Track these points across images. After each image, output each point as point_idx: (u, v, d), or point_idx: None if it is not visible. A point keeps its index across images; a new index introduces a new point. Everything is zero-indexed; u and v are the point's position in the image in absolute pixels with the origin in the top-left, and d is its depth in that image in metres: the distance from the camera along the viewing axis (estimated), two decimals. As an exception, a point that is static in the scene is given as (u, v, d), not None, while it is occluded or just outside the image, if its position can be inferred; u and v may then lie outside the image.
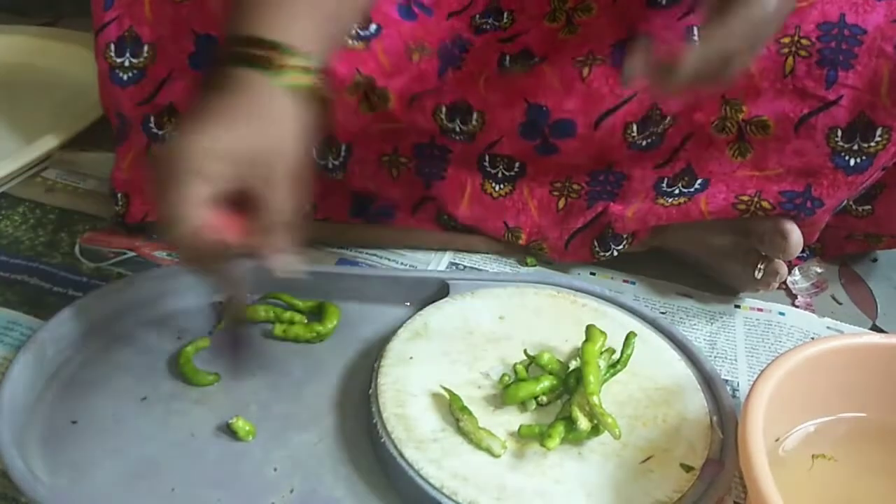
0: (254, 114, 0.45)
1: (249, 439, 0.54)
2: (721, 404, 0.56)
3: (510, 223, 0.73)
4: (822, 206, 0.65)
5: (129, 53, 0.66)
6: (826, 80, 0.62)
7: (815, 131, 0.64)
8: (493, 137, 0.69)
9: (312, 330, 0.61)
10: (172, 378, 0.57)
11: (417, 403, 0.54)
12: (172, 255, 0.70)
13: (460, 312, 0.62)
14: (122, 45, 0.66)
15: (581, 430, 0.51)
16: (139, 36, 0.66)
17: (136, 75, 0.67)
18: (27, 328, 0.62)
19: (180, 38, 0.66)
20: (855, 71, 0.61)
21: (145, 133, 0.69)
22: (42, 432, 0.53)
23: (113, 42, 0.66)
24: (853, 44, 0.61)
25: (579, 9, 0.68)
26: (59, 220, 0.74)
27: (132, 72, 0.67)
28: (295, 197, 0.46)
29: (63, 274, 0.68)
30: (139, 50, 0.66)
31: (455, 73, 0.67)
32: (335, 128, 0.68)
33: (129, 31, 0.66)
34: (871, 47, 0.61)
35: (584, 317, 0.62)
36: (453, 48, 0.68)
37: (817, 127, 0.63)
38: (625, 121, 0.67)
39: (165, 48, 0.66)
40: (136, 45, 0.66)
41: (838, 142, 0.63)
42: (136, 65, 0.67)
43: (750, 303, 0.73)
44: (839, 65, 0.61)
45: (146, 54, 0.67)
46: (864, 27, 0.61)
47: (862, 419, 0.55)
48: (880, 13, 0.60)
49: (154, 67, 0.67)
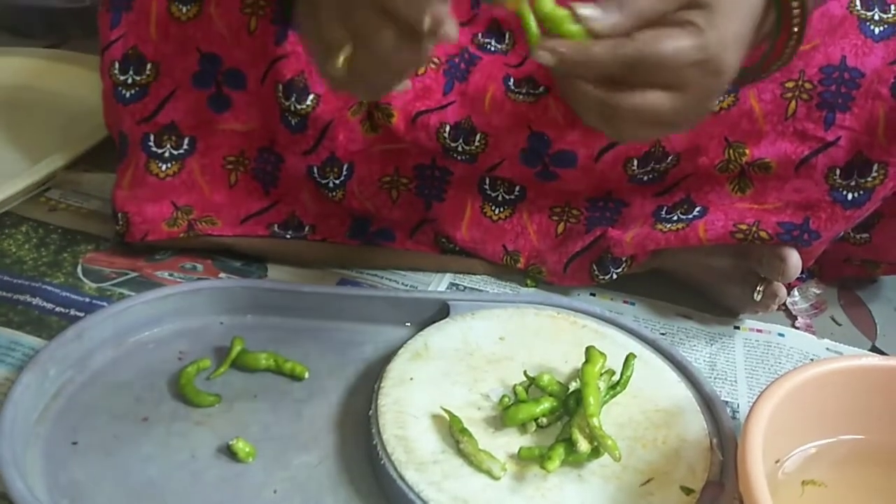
0: None
1: (250, 461, 0.54)
2: (721, 426, 0.56)
3: (509, 247, 0.73)
4: (819, 238, 0.66)
5: (132, 71, 0.67)
6: (825, 121, 0.63)
7: (815, 171, 0.65)
8: (495, 160, 0.69)
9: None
10: (173, 399, 0.58)
11: (418, 425, 0.54)
12: (178, 275, 0.71)
13: (461, 333, 0.62)
14: (126, 62, 0.67)
15: (581, 453, 0.51)
16: (143, 54, 0.67)
17: (138, 92, 0.68)
18: (29, 348, 0.62)
19: (185, 57, 0.67)
20: (852, 113, 0.63)
21: (144, 151, 0.69)
22: (43, 453, 0.53)
23: (117, 60, 0.67)
24: (851, 87, 0.62)
25: None
26: (62, 241, 0.74)
27: (134, 89, 0.68)
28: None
29: (65, 294, 0.68)
30: (142, 67, 0.67)
31: (461, 86, 0.67)
32: (337, 147, 0.68)
33: (133, 49, 0.67)
34: (868, 90, 0.62)
35: (583, 338, 0.62)
36: (460, 62, 0.68)
37: (817, 167, 0.65)
38: (626, 155, 0.68)
39: (169, 66, 0.67)
40: (139, 63, 0.67)
41: (837, 179, 0.65)
42: (138, 82, 0.67)
43: (749, 324, 0.73)
44: (837, 107, 0.63)
45: (149, 72, 0.67)
46: (862, 70, 0.62)
47: (861, 441, 0.55)
48: (878, 55, 0.62)
49: (156, 85, 0.67)
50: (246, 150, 0.70)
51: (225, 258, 0.73)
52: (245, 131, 0.69)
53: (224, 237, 0.72)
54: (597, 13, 0.43)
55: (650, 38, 0.43)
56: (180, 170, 0.70)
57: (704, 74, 0.44)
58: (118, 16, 0.66)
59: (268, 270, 0.73)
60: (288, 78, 0.65)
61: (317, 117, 0.66)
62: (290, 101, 0.66)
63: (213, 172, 0.71)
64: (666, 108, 0.44)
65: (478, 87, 0.67)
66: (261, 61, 0.66)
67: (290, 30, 0.64)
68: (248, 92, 0.68)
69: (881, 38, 0.62)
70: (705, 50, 0.44)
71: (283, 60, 0.65)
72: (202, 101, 0.68)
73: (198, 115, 0.69)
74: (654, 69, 0.43)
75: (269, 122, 0.68)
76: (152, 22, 0.66)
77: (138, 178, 0.70)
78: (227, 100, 0.68)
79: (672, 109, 0.45)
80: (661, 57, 0.43)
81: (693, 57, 0.43)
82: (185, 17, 0.65)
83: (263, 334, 0.63)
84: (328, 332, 0.65)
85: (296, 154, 0.69)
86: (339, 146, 0.68)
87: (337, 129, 0.67)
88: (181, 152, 0.70)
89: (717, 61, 0.44)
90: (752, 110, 0.64)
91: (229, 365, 0.60)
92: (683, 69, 0.44)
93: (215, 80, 0.68)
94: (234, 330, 0.63)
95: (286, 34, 0.64)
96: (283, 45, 0.65)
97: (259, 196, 0.72)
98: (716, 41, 0.44)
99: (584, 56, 0.43)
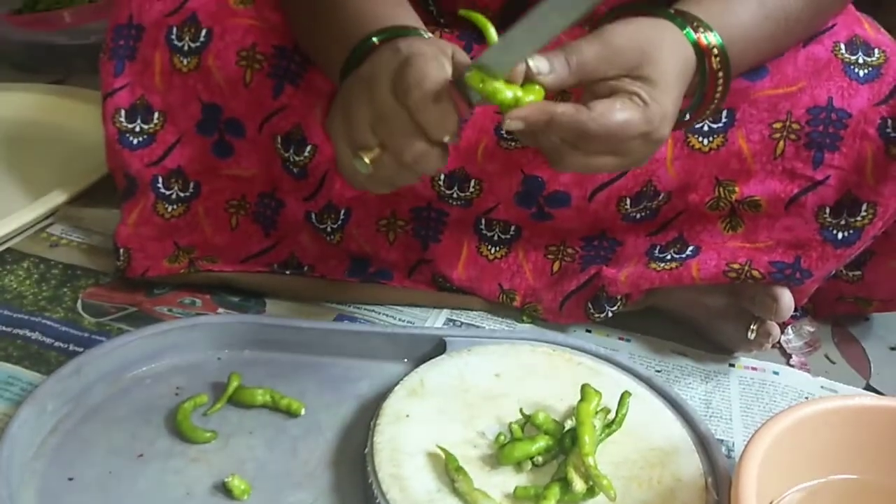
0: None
1: (245, 498, 0.54)
2: (716, 466, 0.56)
3: (505, 286, 0.74)
4: (810, 276, 0.67)
5: (140, 120, 0.69)
6: (813, 161, 0.65)
7: (805, 209, 0.66)
8: (490, 204, 0.71)
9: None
10: (170, 435, 0.58)
11: (413, 463, 0.54)
12: (177, 310, 0.71)
13: (457, 370, 0.62)
14: (133, 112, 0.69)
15: (577, 492, 0.52)
16: (150, 104, 0.68)
17: (146, 140, 0.69)
18: (27, 383, 0.62)
19: (188, 106, 0.68)
20: (840, 152, 0.64)
21: (153, 192, 0.71)
22: (38, 488, 0.53)
23: (124, 108, 0.69)
24: (839, 127, 0.64)
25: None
26: (63, 276, 0.75)
27: (142, 136, 0.69)
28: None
29: (65, 329, 0.68)
30: (150, 117, 0.69)
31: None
32: (334, 195, 0.69)
33: (140, 100, 0.68)
34: (855, 130, 0.63)
35: (579, 375, 0.62)
36: None
37: (806, 205, 0.66)
38: (619, 195, 0.69)
39: (174, 115, 0.69)
40: (147, 113, 0.69)
41: (826, 217, 0.66)
42: (146, 130, 0.69)
43: (745, 361, 0.73)
44: (825, 147, 0.64)
45: (156, 121, 0.69)
46: (849, 111, 0.63)
47: (855, 481, 0.55)
48: (864, 97, 0.63)
49: (163, 133, 0.69)
50: (247, 194, 0.72)
51: (223, 293, 0.74)
52: (247, 177, 0.71)
53: (224, 272, 0.72)
54: (546, 67, 0.48)
55: (602, 113, 0.48)
56: (185, 211, 0.72)
57: (645, 143, 0.51)
58: (121, 64, 0.67)
59: (266, 306, 0.74)
60: (286, 130, 0.67)
61: (315, 167, 0.68)
62: (289, 153, 0.67)
63: (216, 215, 0.72)
64: (609, 166, 0.52)
65: (469, 140, 0.68)
66: (258, 112, 0.67)
67: (286, 83, 0.66)
68: (248, 140, 0.69)
69: (866, 81, 0.63)
70: (650, 123, 0.50)
71: (280, 113, 0.67)
72: (206, 147, 0.70)
73: (202, 160, 0.70)
74: (604, 140, 0.49)
75: (269, 168, 0.70)
76: (157, 72, 0.67)
77: (144, 217, 0.71)
78: (230, 147, 0.70)
79: (611, 168, 0.53)
80: (611, 130, 0.49)
81: (638, 129, 0.49)
82: (186, 68, 0.67)
83: (261, 370, 0.63)
84: (325, 367, 0.65)
85: (297, 199, 0.71)
86: (336, 194, 0.69)
87: (333, 178, 0.69)
88: (187, 195, 0.71)
89: (657, 132, 0.50)
90: (740, 150, 0.65)
91: (226, 401, 0.60)
92: (629, 140, 0.49)
93: (217, 128, 0.69)
94: (231, 365, 0.63)
95: (283, 87, 0.66)
96: (279, 98, 0.66)
97: (259, 238, 0.73)
98: (658, 114, 0.50)
99: (547, 118, 0.48)
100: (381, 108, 0.48)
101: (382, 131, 0.48)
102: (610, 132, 0.48)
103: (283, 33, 0.66)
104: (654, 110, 0.49)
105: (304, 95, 0.66)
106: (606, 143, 0.49)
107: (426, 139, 0.48)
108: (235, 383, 0.61)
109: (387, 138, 0.49)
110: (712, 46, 0.55)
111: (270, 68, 0.66)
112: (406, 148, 0.48)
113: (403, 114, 0.47)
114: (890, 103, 0.63)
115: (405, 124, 0.47)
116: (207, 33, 0.66)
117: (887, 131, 0.63)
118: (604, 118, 0.48)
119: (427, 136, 0.48)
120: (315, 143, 0.67)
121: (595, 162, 0.51)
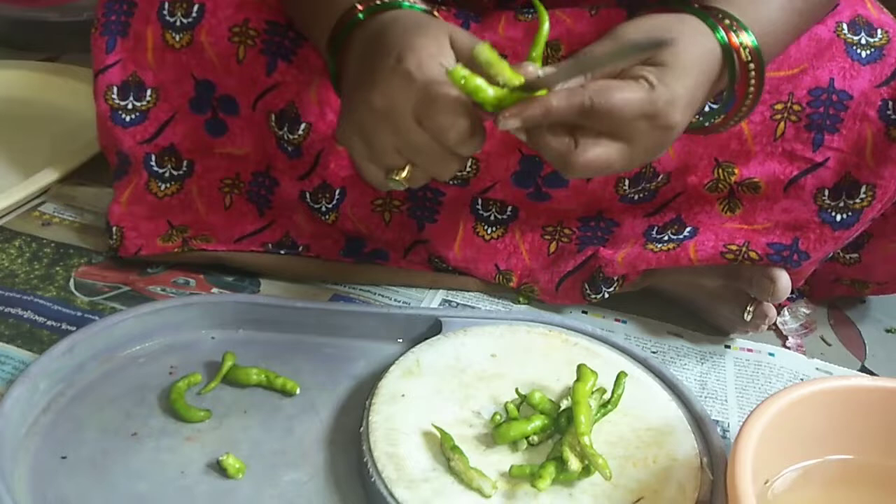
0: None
1: (239, 477, 0.53)
2: (711, 445, 0.56)
3: (501, 266, 0.74)
4: (808, 258, 0.66)
5: (132, 97, 0.68)
6: (813, 143, 0.64)
7: (804, 191, 0.66)
8: (487, 183, 0.70)
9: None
10: (163, 414, 0.57)
11: (409, 442, 0.54)
12: (170, 290, 0.71)
13: (453, 350, 0.62)
14: (125, 89, 0.68)
15: (572, 471, 0.52)
16: (143, 81, 0.68)
17: (138, 117, 0.69)
18: (20, 362, 0.62)
19: (181, 83, 0.67)
20: (840, 134, 0.64)
21: (146, 170, 0.70)
22: (31, 467, 0.52)
23: (116, 85, 0.68)
24: (839, 109, 0.63)
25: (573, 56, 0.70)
26: (55, 255, 0.74)
27: (135, 114, 0.68)
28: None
29: (57, 308, 0.68)
30: (143, 94, 0.68)
31: None
32: (328, 175, 0.69)
33: (132, 76, 0.67)
34: (855, 112, 0.63)
35: (575, 356, 0.62)
36: None
37: (805, 187, 0.65)
38: (617, 176, 0.68)
39: (167, 92, 0.68)
40: (139, 90, 0.68)
41: (825, 200, 0.66)
42: (139, 107, 0.68)
43: (740, 343, 0.73)
44: (825, 129, 0.64)
45: (149, 98, 0.68)
46: (850, 93, 0.63)
47: (850, 461, 0.55)
48: (865, 78, 0.63)
49: (156, 110, 0.68)
50: (241, 173, 0.71)
51: (218, 273, 0.73)
52: (240, 155, 0.70)
53: (218, 252, 0.72)
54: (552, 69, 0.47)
55: (601, 88, 0.47)
56: (179, 190, 0.71)
57: (652, 128, 0.48)
58: (113, 40, 0.66)
59: (260, 286, 0.73)
60: (280, 108, 0.66)
61: (310, 145, 0.67)
62: (283, 131, 0.67)
63: (210, 194, 0.71)
64: (614, 160, 0.49)
65: None
66: (251, 89, 0.67)
67: (280, 60, 0.65)
68: (242, 118, 0.68)
69: (868, 62, 0.63)
70: (654, 104, 0.47)
71: (274, 90, 0.66)
72: (200, 125, 0.69)
73: (196, 138, 0.69)
74: (605, 118, 0.47)
75: (263, 147, 0.69)
76: (149, 48, 0.66)
77: (137, 196, 0.71)
78: (223, 125, 0.69)
79: (620, 161, 0.49)
80: (610, 106, 0.47)
81: (641, 109, 0.47)
82: (179, 44, 0.66)
83: (255, 349, 0.63)
84: (320, 347, 0.65)
85: (291, 178, 0.70)
86: (331, 174, 0.69)
87: (328, 158, 0.68)
88: (181, 173, 0.70)
89: (665, 116, 0.48)
90: (741, 131, 0.65)
91: (220, 380, 0.60)
92: (632, 121, 0.47)
93: (211, 106, 0.68)
94: (225, 345, 0.63)
95: (276, 64, 0.65)
96: (272, 75, 0.65)
97: (253, 217, 0.72)
98: (665, 97, 0.48)
99: (542, 109, 0.47)
100: (406, 136, 0.48)
101: (411, 154, 0.49)
102: (609, 108, 0.46)
103: (275, 9, 0.65)
104: (660, 92, 0.48)
105: (297, 72, 0.65)
106: (609, 122, 0.47)
107: (455, 155, 0.49)
108: (230, 363, 0.61)
109: (417, 160, 0.49)
110: (744, 45, 0.52)
111: (263, 44, 0.65)
112: (437, 166, 0.50)
113: (431, 141, 0.48)
114: (891, 85, 0.62)
115: (434, 149, 0.48)
116: (200, 9, 0.65)
117: (888, 113, 0.62)
118: (601, 94, 0.47)
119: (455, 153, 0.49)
120: (309, 121, 0.66)
121: (602, 154, 0.48)
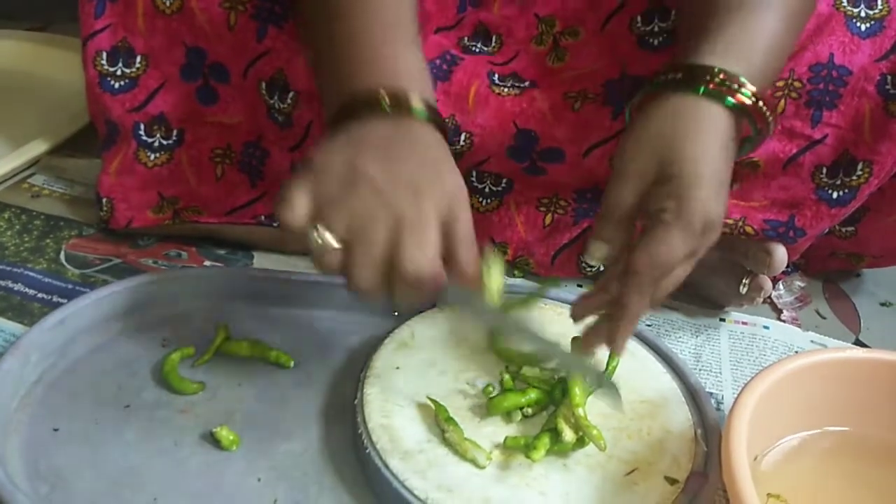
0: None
1: (233, 449, 0.53)
2: (705, 417, 0.56)
3: (496, 238, 0.73)
4: (804, 235, 0.66)
5: (121, 63, 0.66)
6: (812, 119, 0.63)
7: (802, 169, 0.65)
8: (481, 157, 0.69)
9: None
10: (156, 386, 0.57)
11: (403, 414, 0.54)
12: (162, 262, 0.70)
13: (447, 323, 0.62)
14: (115, 54, 0.66)
15: (566, 442, 0.52)
16: (132, 47, 0.66)
17: (127, 84, 0.67)
18: (10, 334, 0.61)
19: (172, 50, 0.66)
20: (838, 111, 0.63)
21: (135, 139, 0.69)
22: (23, 439, 0.52)
23: (105, 51, 0.66)
24: (839, 85, 0.62)
25: (566, 32, 0.69)
26: (45, 227, 0.74)
27: (124, 80, 0.67)
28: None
29: (48, 280, 0.67)
30: (132, 60, 0.66)
31: (444, 85, 0.67)
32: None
33: (122, 42, 0.66)
34: (854, 87, 0.62)
35: (570, 328, 0.62)
36: (441, 63, 0.68)
37: (804, 165, 0.65)
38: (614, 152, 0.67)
39: (157, 59, 0.66)
40: (129, 56, 0.66)
41: (823, 178, 0.65)
42: (128, 74, 0.67)
43: (735, 316, 0.73)
44: (824, 105, 0.63)
45: (139, 64, 0.67)
46: (850, 68, 0.62)
47: (845, 433, 0.55)
48: (865, 52, 0.62)
49: (146, 77, 0.67)
50: (232, 143, 0.70)
51: (210, 246, 0.73)
52: (232, 124, 0.69)
53: (210, 224, 0.71)
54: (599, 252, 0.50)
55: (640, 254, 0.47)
56: (169, 160, 0.70)
57: (700, 239, 0.48)
58: (102, 5, 0.65)
59: (253, 258, 0.73)
60: (270, 75, 0.65)
61: (300, 115, 0.66)
62: (274, 100, 0.66)
63: (200, 164, 0.70)
64: (686, 273, 0.50)
65: (461, 83, 0.66)
66: (242, 57, 0.65)
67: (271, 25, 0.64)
68: (233, 86, 0.67)
69: (868, 35, 0.62)
70: (689, 227, 0.47)
71: (264, 57, 0.65)
72: (191, 93, 0.68)
73: (186, 107, 0.68)
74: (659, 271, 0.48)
75: (254, 116, 0.68)
76: (139, 14, 0.65)
77: (126, 166, 0.69)
78: (214, 93, 0.68)
79: (688, 269, 0.50)
80: (657, 263, 0.47)
81: (683, 244, 0.47)
82: (170, 10, 0.64)
83: (249, 322, 0.63)
84: (315, 319, 0.64)
85: (282, 149, 0.69)
86: None
87: (317, 128, 0.67)
88: (170, 143, 0.69)
89: (703, 223, 0.47)
90: None
91: (213, 352, 0.60)
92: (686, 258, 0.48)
93: (202, 73, 0.67)
94: (218, 317, 0.62)
95: (266, 30, 0.64)
96: (263, 41, 0.64)
97: (246, 189, 0.71)
98: (696, 212, 0.47)
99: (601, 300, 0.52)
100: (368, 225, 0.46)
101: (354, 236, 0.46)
102: (659, 265, 0.47)
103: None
104: (688, 213, 0.47)
105: (288, 38, 0.64)
106: (662, 272, 0.48)
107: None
108: (223, 335, 0.60)
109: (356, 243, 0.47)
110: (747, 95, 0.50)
111: (254, 10, 0.63)
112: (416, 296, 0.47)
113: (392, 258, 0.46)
114: (891, 59, 0.61)
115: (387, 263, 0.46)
116: None
117: (886, 88, 0.62)
118: (643, 261, 0.47)
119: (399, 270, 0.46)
120: (298, 89, 0.65)
121: (681, 275, 0.50)
